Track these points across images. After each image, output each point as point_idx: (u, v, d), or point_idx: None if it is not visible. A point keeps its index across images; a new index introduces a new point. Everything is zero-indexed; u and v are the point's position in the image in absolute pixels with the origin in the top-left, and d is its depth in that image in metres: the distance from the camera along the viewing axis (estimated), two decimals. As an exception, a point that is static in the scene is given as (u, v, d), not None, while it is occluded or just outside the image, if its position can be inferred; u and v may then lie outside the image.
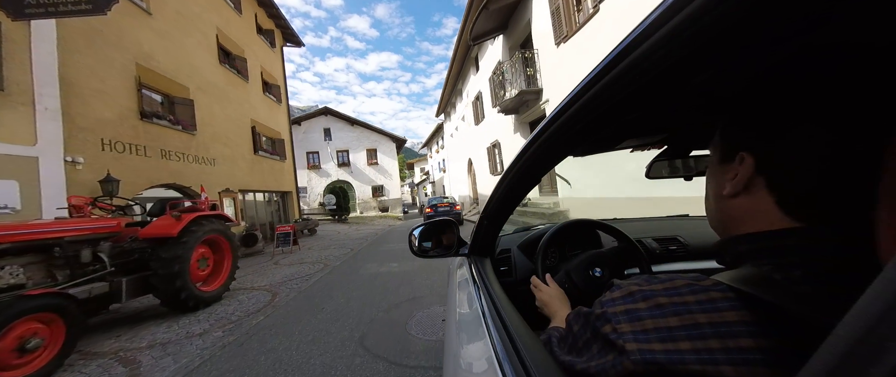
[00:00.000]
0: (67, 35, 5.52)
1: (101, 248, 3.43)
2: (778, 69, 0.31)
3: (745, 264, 0.35)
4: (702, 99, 0.43)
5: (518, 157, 0.64)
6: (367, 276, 5.02)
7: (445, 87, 18.71)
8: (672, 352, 0.30)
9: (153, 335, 3.26)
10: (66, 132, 5.31)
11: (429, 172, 35.03)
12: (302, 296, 4.27)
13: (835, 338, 0.16)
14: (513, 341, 0.50)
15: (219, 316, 3.71)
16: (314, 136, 23.26)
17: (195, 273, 3.97)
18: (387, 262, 6.03)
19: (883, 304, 0.14)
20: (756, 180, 0.34)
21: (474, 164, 16.56)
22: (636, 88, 0.33)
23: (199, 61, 8.83)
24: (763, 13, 0.22)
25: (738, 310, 0.30)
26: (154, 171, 6.89)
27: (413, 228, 1.25)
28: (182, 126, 7.78)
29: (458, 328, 0.78)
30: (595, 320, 0.38)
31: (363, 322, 3.12)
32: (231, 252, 4.57)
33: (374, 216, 22.22)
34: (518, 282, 1.12)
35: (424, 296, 3.74)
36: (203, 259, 4.16)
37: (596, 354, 0.36)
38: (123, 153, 6.27)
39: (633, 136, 0.68)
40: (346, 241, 10.29)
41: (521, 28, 9.13)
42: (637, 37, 0.30)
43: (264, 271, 6.31)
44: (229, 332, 3.19)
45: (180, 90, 8.00)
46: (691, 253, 1.19)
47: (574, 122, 0.44)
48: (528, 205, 9.28)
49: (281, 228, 8.93)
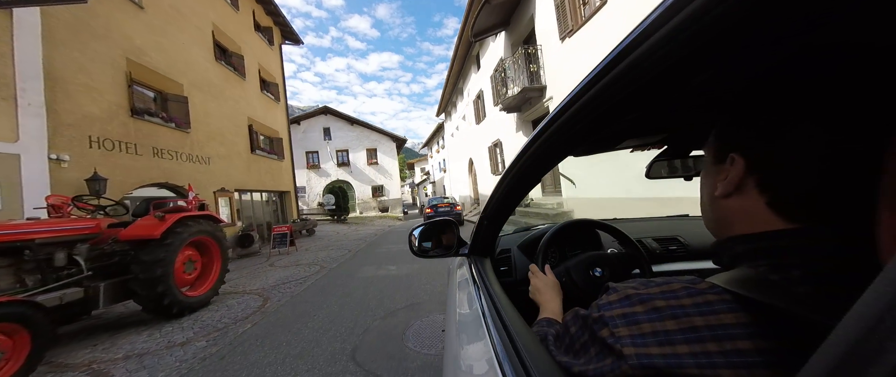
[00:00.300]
0: (53, 27, 5.30)
1: (78, 251, 3.21)
2: (777, 69, 0.31)
3: (742, 265, 0.35)
4: (702, 99, 0.43)
5: (518, 156, 0.63)
6: (364, 280, 4.79)
7: (446, 86, 18.49)
8: (670, 356, 0.29)
9: (132, 344, 3.03)
10: (51, 128, 5.09)
11: (429, 172, 34.85)
12: (294, 301, 4.04)
13: (835, 339, 0.16)
14: (513, 341, 0.50)
15: (204, 323, 3.49)
16: (314, 135, 23.07)
17: (180, 277, 3.75)
18: (385, 265, 5.81)
19: (883, 304, 0.14)
20: (747, 181, 0.34)
21: (475, 163, 16.35)
22: (636, 88, 0.33)
23: (194, 57, 8.62)
24: (763, 13, 0.22)
25: (735, 313, 0.30)
26: (145, 170, 6.67)
27: (413, 228, 1.24)
28: (175, 123, 7.56)
29: (458, 328, 0.78)
30: (592, 323, 0.37)
31: (356, 332, 2.89)
32: (220, 254, 4.34)
33: (374, 216, 22.02)
34: (518, 282, 1.11)
35: (423, 303, 3.51)
36: (190, 262, 3.94)
37: (593, 357, 0.36)
38: (113, 151, 6.05)
39: (633, 136, 0.68)
40: (344, 242, 10.08)
41: (524, 23, 8.89)
42: (637, 37, 0.30)
43: (258, 273, 6.09)
44: (213, 342, 2.96)
45: (174, 87, 7.78)
46: (691, 253, 1.19)
47: (574, 122, 0.44)
48: (531, 206, 9.04)
49: (277, 229, 8.72)
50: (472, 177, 17.73)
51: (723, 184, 0.36)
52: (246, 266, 7.11)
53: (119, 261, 3.51)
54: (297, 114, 24.30)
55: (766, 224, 0.33)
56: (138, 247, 3.43)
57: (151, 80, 7.24)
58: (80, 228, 3.25)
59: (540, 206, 8.61)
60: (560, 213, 7.52)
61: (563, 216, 7.26)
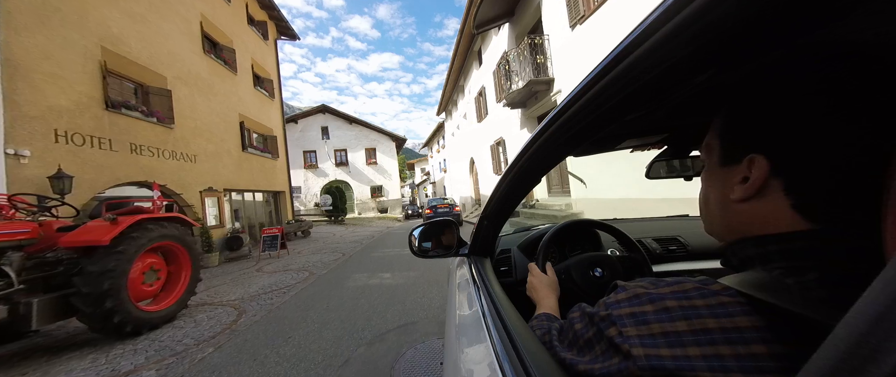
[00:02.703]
0: (14, 10, 4.81)
1: (8, 260, 2.70)
2: (785, 67, 0.30)
3: (755, 267, 0.33)
4: (702, 99, 0.43)
5: (518, 157, 0.63)
6: (353, 291, 4.26)
7: (447, 84, 17.97)
8: (681, 358, 0.29)
9: (68, 374, 2.52)
10: (9, 120, 4.59)
11: (429, 173, 34.37)
12: (271, 316, 3.52)
13: (835, 338, 0.16)
14: (513, 341, 0.50)
15: (162, 344, 2.97)
16: (311, 134, 22.61)
17: (138, 289, 3.24)
18: (378, 272, 5.28)
19: (883, 304, 0.14)
20: (771, 183, 0.31)
21: (477, 163, 15.83)
22: (636, 88, 0.33)
23: (180, 49, 8.13)
24: (763, 13, 0.22)
25: (749, 316, 0.29)
26: (121, 167, 6.17)
27: (413, 229, 1.24)
28: (157, 118, 7.06)
29: (457, 329, 0.77)
30: (599, 321, 0.36)
31: (335, 364, 2.36)
32: (191, 262, 3.83)
33: (373, 217, 21.52)
34: (518, 282, 1.09)
35: (418, 322, 2.98)
36: (152, 271, 3.43)
37: (599, 356, 0.35)
38: (83, 146, 5.55)
39: (633, 136, 0.68)
40: (338, 245, 9.57)
41: (530, 12, 8.37)
42: (637, 37, 0.30)
43: (242, 280, 5.58)
44: (164, 371, 2.45)
45: (156, 79, 7.28)
46: (692, 253, 1.19)
47: (574, 122, 0.44)
48: (537, 207, 8.51)
49: (267, 231, 8.21)
50: (474, 177, 17.21)
51: (742, 187, 0.33)
52: (232, 271, 6.62)
53: (65, 271, 3.00)
54: (298, 113, 23.82)
55: (788, 226, 0.31)
56: (84, 255, 2.92)
57: (130, 71, 6.74)
58: (10, 233, 2.74)
59: (546, 208, 8.07)
60: (568, 215, 6.99)
61: (572, 218, 6.73)
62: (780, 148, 0.30)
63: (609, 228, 1.09)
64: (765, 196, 0.32)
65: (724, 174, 0.36)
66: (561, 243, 1.13)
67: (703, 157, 0.40)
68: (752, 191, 0.32)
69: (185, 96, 8.07)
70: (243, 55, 11.04)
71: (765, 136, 0.31)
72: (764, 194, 0.32)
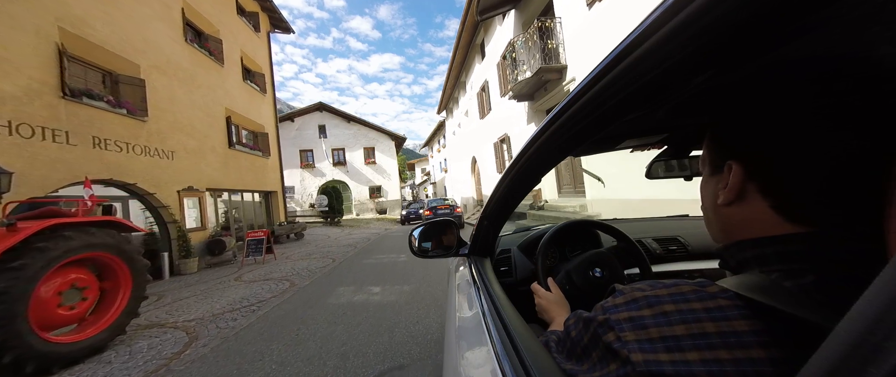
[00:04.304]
0: (-55, -20, 4.14)
1: None
2: (778, 70, 0.30)
3: (752, 270, 0.33)
4: (701, 99, 0.43)
5: (518, 157, 0.63)
6: (332, 312, 3.53)
7: (447, 81, 17.27)
8: (679, 362, 0.28)
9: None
10: (-67, 106, 3.92)
11: (430, 173, 33.66)
12: (224, 347, 2.80)
13: (834, 338, 0.16)
14: (513, 341, 0.50)
15: (73, 389, 2.26)
16: (308, 133, 21.93)
17: (52, 314, 2.53)
18: (367, 285, 4.56)
19: (882, 305, 0.14)
20: (748, 187, 0.33)
21: (479, 162, 15.11)
22: (636, 88, 0.33)
23: (157, 36, 7.44)
24: (763, 13, 0.22)
25: (748, 319, 0.28)
26: (80, 164, 5.47)
27: (413, 229, 1.24)
28: (127, 110, 6.36)
29: (458, 330, 0.77)
30: (597, 327, 0.36)
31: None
32: (131, 277, 3.12)
33: (371, 218, 20.82)
34: (518, 282, 1.11)
35: (407, 367, 2.24)
36: (74, 290, 2.72)
37: (597, 363, 0.34)
38: (32, 138, 4.85)
39: (633, 136, 0.68)
40: (331, 249, 8.86)
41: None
42: (637, 37, 0.30)
43: (213, 291, 4.87)
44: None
45: (126, 67, 6.60)
46: (691, 253, 1.19)
47: (574, 121, 0.43)
48: (546, 208, 7.78)
49: (251, 234, 7.52)
50: (476, 176, 16.48)
51: (724, 192, 0.35)
52: (208, 279, 5.92)
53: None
54: (293, 111, 23.17)
55: (775, 228, 0.31)
56: (-33, 272, 2.22)
57: (96, 56, 6.07)
58: None
59: (557, 210, 7.33)
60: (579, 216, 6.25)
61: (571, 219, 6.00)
62: (753, 153, 0.32)
63: (609, 228, 1.08)
64: (744, 199, 0.33)
65: (713, 182, 0.38)
66: (561, 244, 1.13)
67: (700, 167, 0.41)
68: (733, 195, 0.34)
69: (163, 87, 7.38)
70: (231, 46, 10.36)
71: (741, 142, 0.33)
72: (743, 198, 0.33)
